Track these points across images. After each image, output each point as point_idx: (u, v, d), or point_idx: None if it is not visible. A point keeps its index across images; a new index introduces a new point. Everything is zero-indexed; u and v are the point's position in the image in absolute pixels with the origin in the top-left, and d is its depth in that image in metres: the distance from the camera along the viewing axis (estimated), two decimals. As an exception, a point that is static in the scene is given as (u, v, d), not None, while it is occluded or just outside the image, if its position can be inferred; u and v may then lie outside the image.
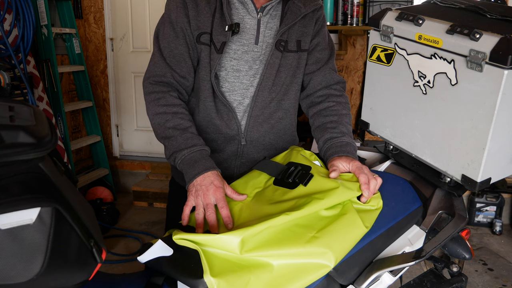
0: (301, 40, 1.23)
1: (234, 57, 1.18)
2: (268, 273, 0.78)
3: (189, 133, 1.10)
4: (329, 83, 1.28)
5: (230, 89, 1.20)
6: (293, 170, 1.01)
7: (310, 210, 0.87)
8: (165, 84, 1.16)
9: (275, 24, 1.21)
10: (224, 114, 1.20)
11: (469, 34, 0.92)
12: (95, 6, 3.64)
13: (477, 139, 0.95)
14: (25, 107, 0.63)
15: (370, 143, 3.32)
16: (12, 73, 2.59)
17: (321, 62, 1.28)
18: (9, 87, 2.27)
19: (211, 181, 0.98)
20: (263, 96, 1.21)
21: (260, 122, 1.23)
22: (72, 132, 3.47)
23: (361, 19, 3.32)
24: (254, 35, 1.18)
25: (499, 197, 3.08)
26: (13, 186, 0.56)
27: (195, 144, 1.07)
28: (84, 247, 0.65)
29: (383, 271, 0.88)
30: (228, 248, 0.79)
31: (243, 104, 1.21)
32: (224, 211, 0.92)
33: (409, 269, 1.32)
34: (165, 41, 1.17)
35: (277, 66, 1.19)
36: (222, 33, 1.15)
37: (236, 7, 1.18)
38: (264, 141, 1.26)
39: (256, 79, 1.20)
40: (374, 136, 1.29)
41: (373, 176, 1.00)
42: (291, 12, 1.20)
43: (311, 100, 1.29)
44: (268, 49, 1.19)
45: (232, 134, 1.22)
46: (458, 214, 1.02)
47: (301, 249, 0.80)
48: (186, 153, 1.06)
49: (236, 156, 1.24)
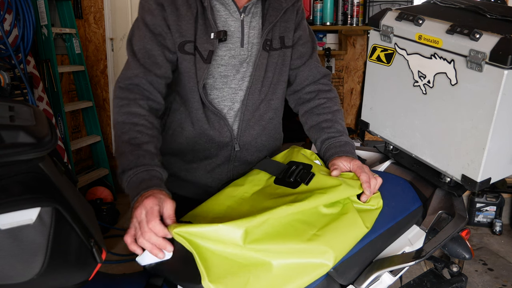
0: (284, 36, 1.18)
1: (222, 63, 1.12)
2: (267, 272, 0.78)
3: (142, 150, 0.96)
4: (316, 77, 1.25)
5: (219, 95, 1.15)
6: (295, 169, 1.01)
7: (312, 204, 0.87)
8: (134, 89, 1.06)
9: (258, 23, 1.15)
10: (215, 123, 1.16)
11: (469, 34, 0.93)
12: (95, 6, 3.64)
13: (477, 139, 0.95)
14: (25, 107, 0.63)
15: (370, 143, 3.32)
16: (12, 73, 2.59)
17: (306, 56, 1.24)
18: (9, 87, 2.27)
19: (141, 200, 0.85)
20: (253, 99, 1.17)
21: (252, 125, 1.20)
22: (72, 132, 3.47)
23: (361, 19, 3.32)
24: (240, 38, 1.13)
25: (499, 197, 3.08)
26: (13, 186, 0.56)
27: (143, 163, 0.93)
28: (84, 247, 0.65)
29: (383, 271, 0.88)
30: (231, 239, 0.78)
31: (233, 109, 1.17)
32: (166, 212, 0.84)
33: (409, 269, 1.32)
34: (139, 43, 1.08)
35: (264, 67, 1.16)
36: (208, 41, 1.08)
37: (217, 9, 1.11)
38: (256, 143, 1.23)
39: (244, 82, 1.16)
40: (374, 136, 1.30)
41: (373, 176, 1.00)
42: (272, 8, 1.15)
43: (300, 96, 1.27)
44: (254, 50, 1.15)
45: (226, 141, 1.18)
46: (458, 214, 1.02)
47: (303, 245, 0.80)
48: (131, 173, 0.92)
49: (229, 161, 1.21)
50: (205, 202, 1.01)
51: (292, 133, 3.42)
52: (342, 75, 3.62)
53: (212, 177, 1.22)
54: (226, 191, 1.02)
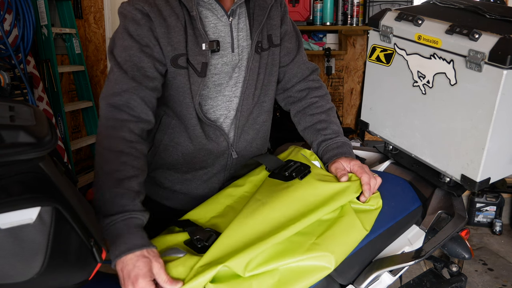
0: (271, 34, 1.14)
1: (215, 73, 1.06)
2: (271, 279, 0.79)
3: (123, 188, 0.85)
4: (304, 74, 1.21)
5: (213, 105, 1.09)
6: (292, 165, 1.02)
7: (311, 220, 0.87)
8: (124, 108, 0.95)
9: (245, 24, 1.10)
10: (212, 135, 1.10)
11: (468, 34, 0.93)
12: (95, 6, 3.64)
13: (477, 139, 0.95)
14: (25, 107, 0.63)
15: (370, 143, 3.32)
16: (12, 73, 2.59)
17: (293, 52, 1.20)
18: (9, 87, 2.27)
19: (133, 265, 0.78)
20: (248, 104, 1.12)
21: (246, 130, 1.16)
22: (72, 132, 3.47)
23: (361, 19, 3.32)
24: (230, 43, 1.07)
25: (499, 197, 3.08)
26: (13, 186, 0.56)
27: (122, 209, 0.83)
28: (84, 246, 0.65)
29: (382, 270, 0.88)
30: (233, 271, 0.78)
31: (229, 117, 1.12)
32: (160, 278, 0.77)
33: (409, 268, 1.32)
34: (124, 54, 0.97)
35: (257, 70, 1.11)
36: (200, 53, 1.01)
37: (205, 15, 1.04)
38: (251, 147, 1.19)
39: (238, 88, 1.10)
40: (374, 136, 1.30)
41: (373, 176, 1.00)
42: (259, 7, 1.10)
43: (290, 95, 1.23)
44: (244, 53, 1.09)
45: (222, 150, 1.13)
46: (457, 214, 1.02)
47: (302, 256, 0.81)
48: (109, 222, 0.82)
49: (225, 170, 1.17)
50: (204, 202, 1.01)
51: (292, 133, 3.42)
52: (342, 75, 3.62)
53: (208, 187, 1.18)
54: (226, 191, 1.02)
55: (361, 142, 3.25)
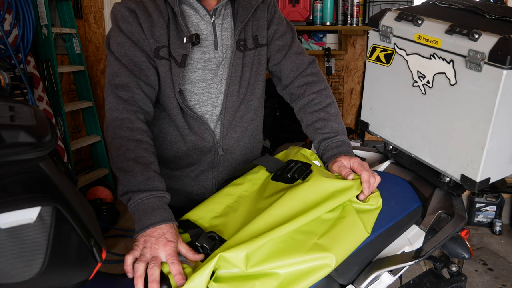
0: (257, 35, 1.18)
1: (198, 67, 1.12)
2: (274, 281, 0.79)
3: (152, 171, 0.95)
4: (300, 68, 1.23)
5: (199, 101, 1.14)
6: (293, 166, 1.02)
7: (311, 217, 0.87)
8: (130, 99, 1.05)
9: (230, 24, 1.16)
10: (196, 128, 1.15)
11: (468, 34, 0.93)
12: (95, 6, 3.65)
13: (476, 139, 0.95)
14: (25, 107, 0.63)
15: (370, 143, 3.33)
16: (12, 73, 2.60)
17: (285, 48, 1.22)
18: (9, 87, 2.27)
19: (162, 233, 0.86)
20: (232, 101, 1.16)
21: (233, 127, 1.19)
22: (72, 132, 3.47)
23: (361, 19, 3.33)
24: (213, 41, 1.13)
25: (499, 197, 3.08)
26: (13, 186, 0.56)
27: (156, 187, 0.94)
28: (84, 246, 0.65)
29: (382, 270, 0.88)
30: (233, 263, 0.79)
31: (215, 114, 1.16)
32: (174, 267, 0.81)
33: (409, 268, 1.33)
34: (120, 50, 1.07)
35: (240, 67, 1.15)
36: (181, 46, 1.08)
37: (188, 14, 1.11)
38: (239, 145, 1.22)
39: (223, 85, 1.15)
40: (374, 136, 1.30)
41: (372, 174, 1.00)
42: (242, 8, 1.15)
43: (291, 92, 1.25)
44: (228, 51, 1.15)
45: (208, 146, 1.17)
46: (457, 214, 1.02)
47: (305, 256, 0.81)
48: (144, 196, 0.91)
49: (213, 167, 1.20)
50: (204, 202, 1.01)
51: (292, 133, 3.43)
52: (342, 75, 3.62)
53: (197, 185, 1.21)
54: (225, 190, 1.02)
55: (361, 142, 3.25)
